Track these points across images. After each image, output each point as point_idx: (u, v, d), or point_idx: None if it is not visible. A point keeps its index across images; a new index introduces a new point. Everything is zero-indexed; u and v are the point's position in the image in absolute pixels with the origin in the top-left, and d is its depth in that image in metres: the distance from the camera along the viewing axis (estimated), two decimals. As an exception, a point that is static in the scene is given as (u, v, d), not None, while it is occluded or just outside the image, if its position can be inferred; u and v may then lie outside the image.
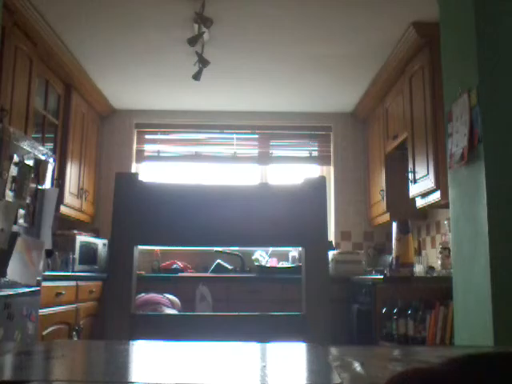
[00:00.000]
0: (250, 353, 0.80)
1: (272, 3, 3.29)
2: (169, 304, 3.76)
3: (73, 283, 3.75)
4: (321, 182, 1.15)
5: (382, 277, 3.61)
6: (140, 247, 1.14)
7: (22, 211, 2.86)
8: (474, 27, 2.16)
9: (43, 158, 3.12)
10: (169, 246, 3.94)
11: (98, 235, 4.91)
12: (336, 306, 4.10)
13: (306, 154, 5.51)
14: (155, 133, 5.50)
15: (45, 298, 3.16)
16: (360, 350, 0.84)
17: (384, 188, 4.57)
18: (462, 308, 2.28)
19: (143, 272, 4.70)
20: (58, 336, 3.42)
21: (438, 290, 3.18)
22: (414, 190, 3.83)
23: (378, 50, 3.94)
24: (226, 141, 5.49)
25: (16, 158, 2.77)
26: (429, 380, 0.39)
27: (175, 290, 4.16)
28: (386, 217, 4.54)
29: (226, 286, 4.40)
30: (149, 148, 5.48)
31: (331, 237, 5.25)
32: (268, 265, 4.83)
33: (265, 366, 0.67)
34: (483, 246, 2.04)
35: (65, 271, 3.99)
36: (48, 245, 3.09)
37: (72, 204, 4.52)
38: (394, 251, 3.85)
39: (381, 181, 4.68)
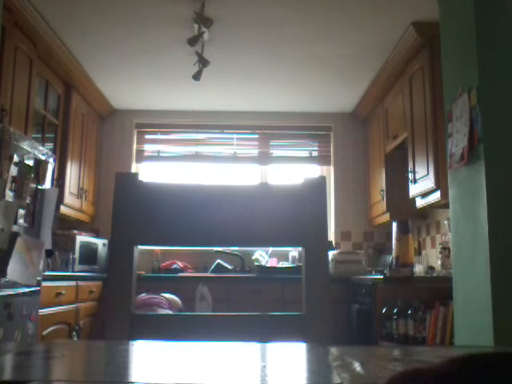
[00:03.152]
0: (250, 353, 0.80)
1: (272, 3, 3.29)
2: (166, 305, 3.75)
3: (73, 283, 3.75)
4: (321, 182, 1.15)
5: (381, 277, 3.60)
6: (140, 247, 1.14)
7: (22, 211, 2.86)
8: (474, 27, 2.16)
9: (43, 157, 3.12)
10: (169, 245, 3.94)
11: (97, 235, 4.91)
12: (336, 306, 4.10)
13: (306, 154, 5.51)
14: (155, 133, 5.50)
15: (45, 298, 3.16)
16: (360, 350, 0.84)
17: (384, 188, 4.57)
18: (462, 308, 2.28)
19: (143, 272, 4.70)
20: (57, 336, 3.42)
21: (438, 290, 3.18)
22: (413, 190, 3.83)
23: (378, 49, 3.94)
24: (226, 141, 5.49)
25: (16, 158, 2.77)
26: (429, 380, 0.39)
27: (175, 290, 4.16)
28: (386, 217, 4.54)
29: (226, 286, 4.40)
30: (149, 148, 5.48)
31: (331, 237, 5.25)
32: (268, 265, 4.83)
33: (265, 366, 0.67)
34: (483, 245, 2.04)
35: (65, 271, 3.99)
36: (48, 245, 3.09)
37: (72, 204, 4.52)
38: (393, 251, 3.85)
39: (381, 181, 4.68)
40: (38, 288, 3.02)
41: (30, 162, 2.95)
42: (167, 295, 3.99)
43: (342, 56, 4.05)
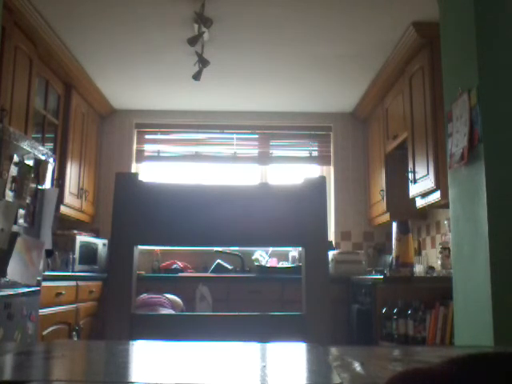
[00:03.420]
0: (250, 353, 0.80)
1: (272, 3, 3.29)
2: (168, 305, 3.74)
3: (73, 283, 3.75)
4: (321, 182, 1.15)
5: (381, 277, 3.60)
6: (140, 247, 1.14)
7: (22, 211, 2.86)
8: (474, 27, 2.16)
9: (43, 157, 3.12)
10: (169, 245, 3.94)
11: (97, 235, 4.91)
12: (336, 306, 4.10)
13: (306, 154, 5.51)
14: (155, 133, 5.50)
15: (45, 297, 3.16)
16: (360, 350, 0.84)
17: (384, 188, 4.57)
18: (462, 308, 2.28)
19: (143, 272, 4.70)
20: (58, 336, 3.42)
21: (438, 290, 3.18)
22: (413, 189, 3.83)
23: (378, 49, 3.94)
24: (226, 141, 5.49)
25: (16, 158, 2.77)
26: (429, 380, 0.39)
27: (175, 290, 4.16)
28: (386, 217, 4.54)
29: (226, 286, 4.40)
30: (149, 148, 5.48)
31: (331, 237, 5.25)
32: (268, 265, 4.83)
33: (265, 366, 0.67)
34: (483, 246, 2.04)
35: (65, 271, 3.99)
36: (48, 245, 3.09)
37: (72, 204, 4.52)
38: (393, 251, 3.85)
39: (381, 181, 4.68)
40: (38, 288, 3.02)
41: (30, 162, 2.95)
42: (169, 296, 3.99)
43: (342, 56, 4.05)
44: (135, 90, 4.91)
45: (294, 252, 4.98)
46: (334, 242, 5.20)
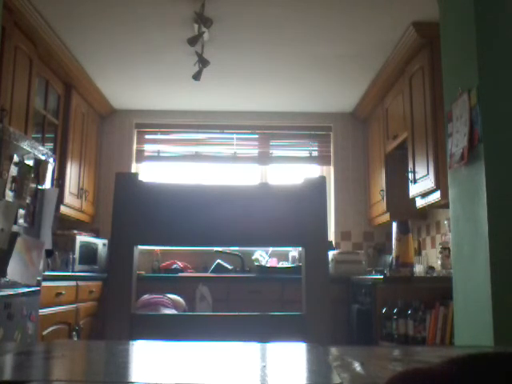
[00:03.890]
0: (250, 353, 0.80)
1: (272, 3, 3.29)
2: (169, 304, 3.74)
3: (73, 283, 3.75)
4: (321, 182, 1.15)
5: (381, 277, 3.60)
6: (140, 247, 1.14)
7: (22, 211, 2.86)
8: (474, 27, 2.16)
9: (43, 157, 3.12)
10: (169, 246, 3.94)
11: (97, 235, 4.91)
12: (336, 306, 4.10)
13: (306, 154, 5.51)
14: (155, 133, 5.50)
15: (45, 297, 3.16)
16: (360, 350, 0.84)
17: (384, 188, 4.57)
18: (462, 308, 2.28)
19: (143, 272, 4.70)
20: (58, 336, 3.42)
21: (438, 290, 3.18)
22: (413, 189, 3.83)
23: (378, 49, 3.94)
24: (226, 141, 5.49)
25: (16, 158, 2.77)
26: (429, 380, 0.39)
27: (175, 290, 4.16)
28: (386, 217, 4.54)
29: (226, 286, 4.40)
30: (149, 148, 5.48)
31: (331, 237, 5.25)
32: (268, 265, 4.83)
33: (265, 366, 0.67)
34: (483, 246, 2.04)
35: (65, 271, 3.99)
36: (48, 245, 3.09)
37: (72, 204, 4.52)
38: (393, 251, 3.85)
39: (381, 181, 4.68)
40: (38, 288, 3.02)
41: (30, 162, 2.95)
42: (171, 296, 3.99)
43: (342, 56, 4.05)
44: (135, 90, 4.91)
45: (294, 252, 4.98)
46: (334, 242, 5.20)
